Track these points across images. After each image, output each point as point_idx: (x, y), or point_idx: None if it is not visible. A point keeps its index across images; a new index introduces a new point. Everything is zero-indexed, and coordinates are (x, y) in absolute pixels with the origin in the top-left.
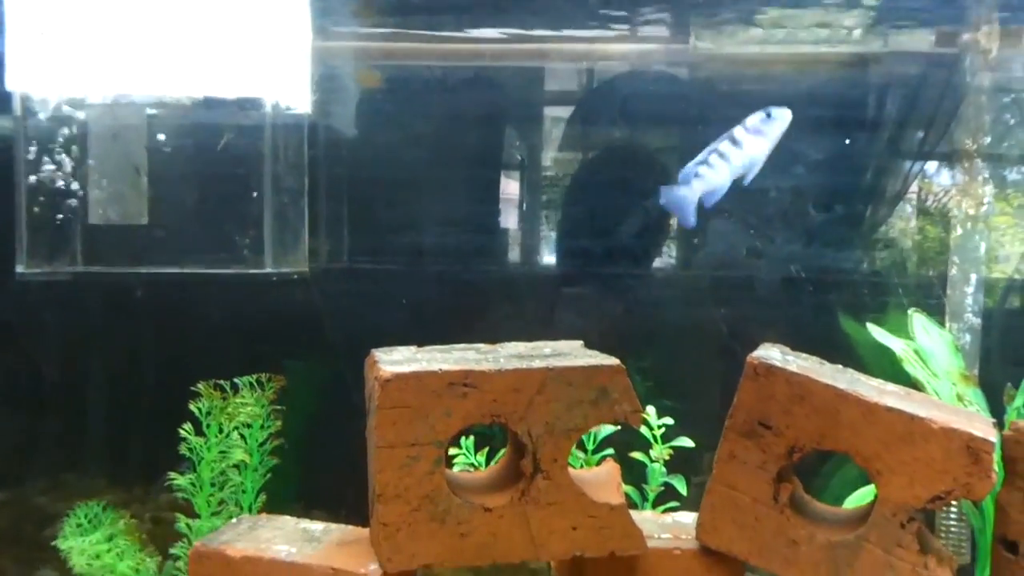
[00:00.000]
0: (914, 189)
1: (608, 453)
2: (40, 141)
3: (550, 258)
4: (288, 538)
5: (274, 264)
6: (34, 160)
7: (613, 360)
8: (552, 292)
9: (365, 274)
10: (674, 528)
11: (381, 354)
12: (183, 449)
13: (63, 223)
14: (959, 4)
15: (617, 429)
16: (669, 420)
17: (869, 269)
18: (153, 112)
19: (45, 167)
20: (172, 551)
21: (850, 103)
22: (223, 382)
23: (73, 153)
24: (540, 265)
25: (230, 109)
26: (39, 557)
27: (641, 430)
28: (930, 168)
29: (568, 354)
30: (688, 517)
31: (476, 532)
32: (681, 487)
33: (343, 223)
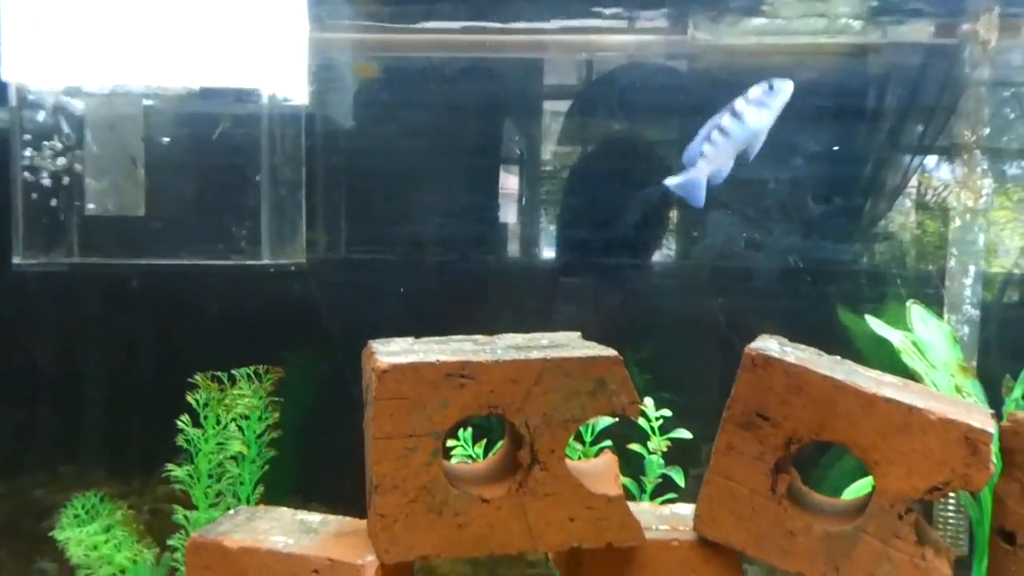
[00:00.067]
0: (914, 183)
1: (606, 445)
2: (36, 132)
3: (548, 249)
4: (285, 529)
5: (271, 255)
6: (30, 151)
7: (611, 351)
8: (550, 284)
9: (363, 265)
10: (672, 519)
11: (378, 345)
12: (180, 441)
13: (59, 214)
14: None
15: (615, 421)
16: (667, 412)
17: (868, 261)
18: (150, 103)
19: (41, 158)
20: (170, 542)
21: (849, 93)
22: (220, 374)
23: (69, 144)
24: (538, 256)
25: (227, 100)
26: (37, 549)
27: (639, 422)
28: (929, 163)
29: (566, 345)
30: (686, 508)
31: (473, 523)
32: (679, 479)
33: (341, 214)
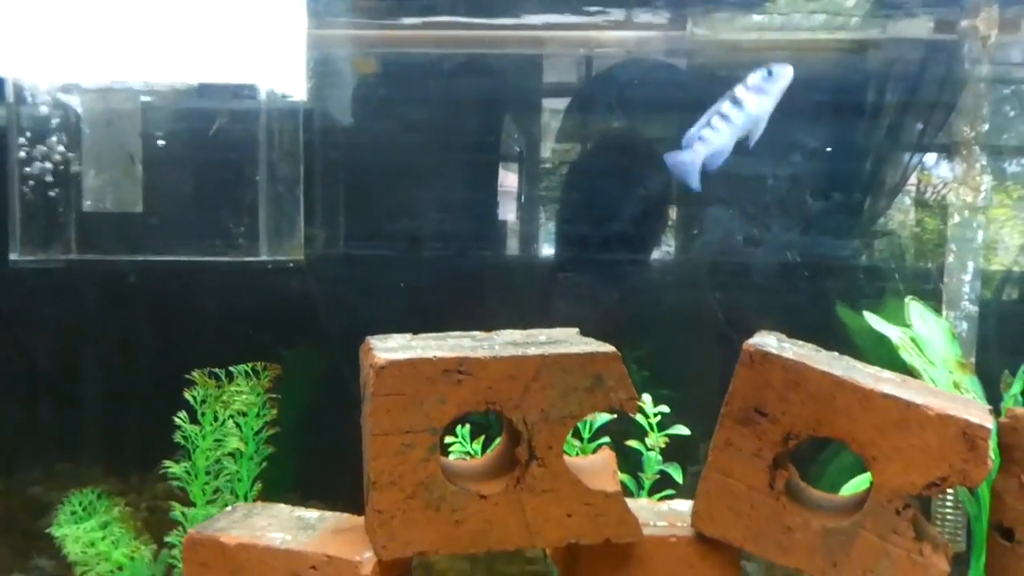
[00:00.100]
0: (913, 180)
1: (604, 441)
2: (33, 128)
3: (547, 246)
4: (283, 526)
5: (269, 252)
6: (27, 147)
7: (609, 347)
8: (549, 280)
9: (361, 261)
10: (670, 516)
11: (376, 341)
12: (178, 437)
13: (57, 210)
14: None
15: (613, 417)
16: (665, 408)
17: (866, 257)
18: (147, 99)
19: (38, 154)
20: (167, 539)
21: (848, 89)
22: (218, 370)
23: (66, 140)
24: (537, 253)
25: (225, 96)
26: (34, 546)
27: (637, 418)
28: (929, 159)
29: (564, 341)
30: (684, 505)
31: (471, 519)
32: (677, 475)
33: (339, 210)
